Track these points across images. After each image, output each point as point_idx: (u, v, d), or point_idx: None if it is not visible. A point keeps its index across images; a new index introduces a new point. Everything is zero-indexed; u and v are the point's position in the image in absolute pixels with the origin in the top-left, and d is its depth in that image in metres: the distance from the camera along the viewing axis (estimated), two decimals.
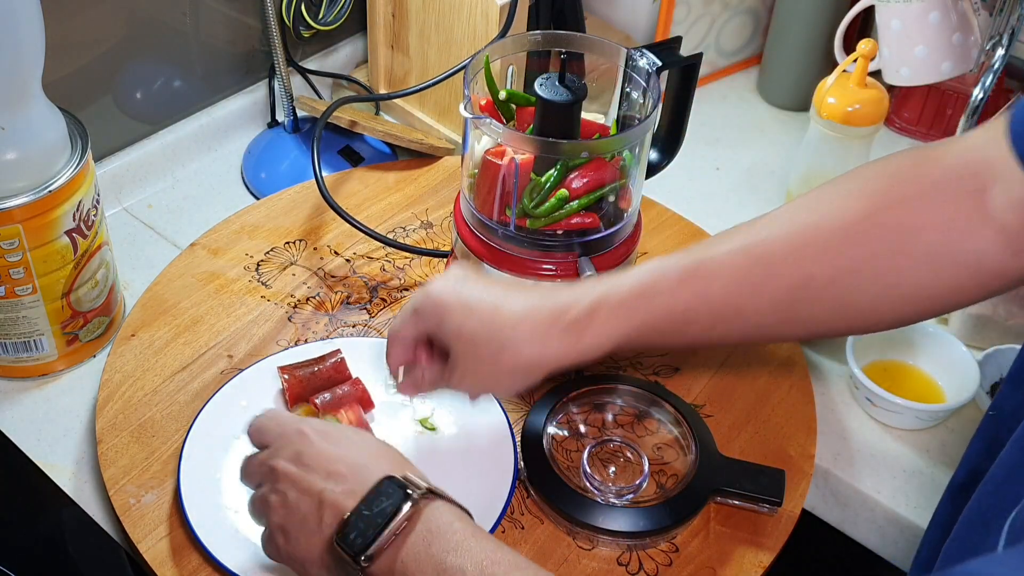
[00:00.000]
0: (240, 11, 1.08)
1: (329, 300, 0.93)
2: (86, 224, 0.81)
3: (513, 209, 0.81)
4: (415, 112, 1.15)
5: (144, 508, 0.75)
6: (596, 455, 0.78)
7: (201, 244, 0.97)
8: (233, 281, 0.94)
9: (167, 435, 0.80)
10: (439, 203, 1.04)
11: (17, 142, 0.76)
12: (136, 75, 1.03)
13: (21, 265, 0.79)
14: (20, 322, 0.82)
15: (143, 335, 0.88)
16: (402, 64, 1.13)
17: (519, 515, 0.76)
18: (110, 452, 0.78)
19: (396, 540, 0.58)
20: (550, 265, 0.82)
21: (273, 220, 1.01)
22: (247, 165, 1.10)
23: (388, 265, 0.97)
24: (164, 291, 0.92)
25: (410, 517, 0.58)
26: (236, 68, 1.12)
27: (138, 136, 1.05)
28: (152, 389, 0.83)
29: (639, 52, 0.82)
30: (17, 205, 0.76)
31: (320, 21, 1.11)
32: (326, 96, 1.20)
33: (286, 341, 0.88)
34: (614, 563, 0.74)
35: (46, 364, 0.86)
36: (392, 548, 0.57)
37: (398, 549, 0.57)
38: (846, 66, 0.97)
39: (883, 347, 0.91)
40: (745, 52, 1.28)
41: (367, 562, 0.57)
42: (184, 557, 0.72)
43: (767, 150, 1.18)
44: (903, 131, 1.20)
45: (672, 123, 0.89)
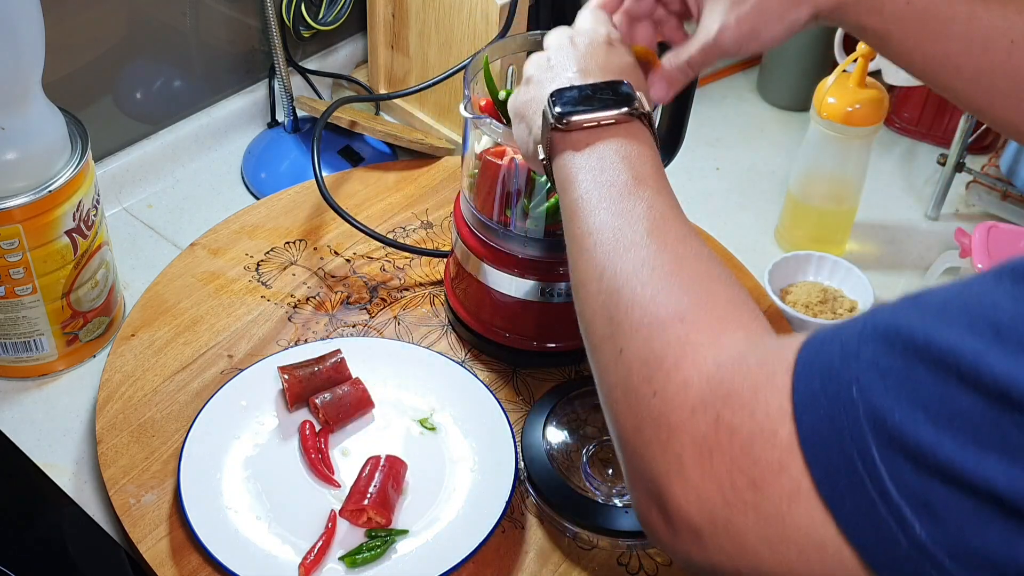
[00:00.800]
0: (240, 11, 1.08)
1: (329, 300, 0.93)
2: (86, 224, 0.81)
3: (513, 209, 0.81)
4: (415, 112, 1.15)
5: (144, 508, 0.75)
6: (596, 455, 0.78)
7: (201, 244, 0.97)
8: (233, 281, 0.94)
9: (167, 435, 0.80)
10: (439, 203, 1.04)
11: (17, 142, 0.76)
12: (136, 75, 1.03)
13: (21, 265, 0.79)
14: (20, 322, 0.82)
15: (143, 335, 0.88)
16: (402, 64, 1.13)
17: (519, 515, 0.76)
18: (110, 452, 0.78)
19: (597, 129, 0.58)
20: (551, 265, 0.82)
21: (273, 220, 1.01)
22: (247, 165, 1.10)
23: (388, 265, 0.97)
24: (164, 291, 0.92)
25: (619, 120, 0.59)
26: (236, 68, 1.11)
27: (138, 136, 1.05)
28: (152, 389, 0.83)
29: None
30: (17, 205, 0.76)
31: (320, 21, 1.11)
32: (326, 96, 1.20)
33: (286, 341, 0.88)
34: (614, 563, 0.74)
35: (46, 364, 0.86)
36: (589, 132, 0.58)
37: (593, 137, 0.58)
38: (846, 66, 0.97)
39: None
40: None
41: (562, 126, 0.59)
42: (184, 557, 0.72)
43: (767, 150, 1.18)
44: (903, 131, 1.20)
45: (672, 124, 0.88)
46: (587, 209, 0.56)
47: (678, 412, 0.45)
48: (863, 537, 0.39)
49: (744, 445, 0.42)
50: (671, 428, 0.45)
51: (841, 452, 0.39)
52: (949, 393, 0.37)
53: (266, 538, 0.72)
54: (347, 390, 0.81)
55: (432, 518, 0.75)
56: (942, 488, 0.37)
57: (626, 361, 0.49)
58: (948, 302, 0.40)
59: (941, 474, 0.37)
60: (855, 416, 0.39)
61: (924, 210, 1.10)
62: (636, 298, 0.50)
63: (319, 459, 0.77)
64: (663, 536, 0.46)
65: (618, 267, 0.52)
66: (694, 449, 0.44)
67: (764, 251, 1.04)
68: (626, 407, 0.48)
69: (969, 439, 0.37)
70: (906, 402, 0.38)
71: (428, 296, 0.94)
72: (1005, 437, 0.36)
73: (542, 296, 0.83)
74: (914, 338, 0.39)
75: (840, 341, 0.42)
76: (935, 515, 0.37)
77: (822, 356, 0.42)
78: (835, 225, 1.04)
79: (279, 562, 0.71)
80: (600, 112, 0.58)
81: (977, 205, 1.11)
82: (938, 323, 0.39)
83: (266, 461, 0.78)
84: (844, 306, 0.97)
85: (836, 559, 0.41)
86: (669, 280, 0.50)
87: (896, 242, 1.07)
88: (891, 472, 0.38)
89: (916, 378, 0.38)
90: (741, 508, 0.42)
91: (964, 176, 1.08)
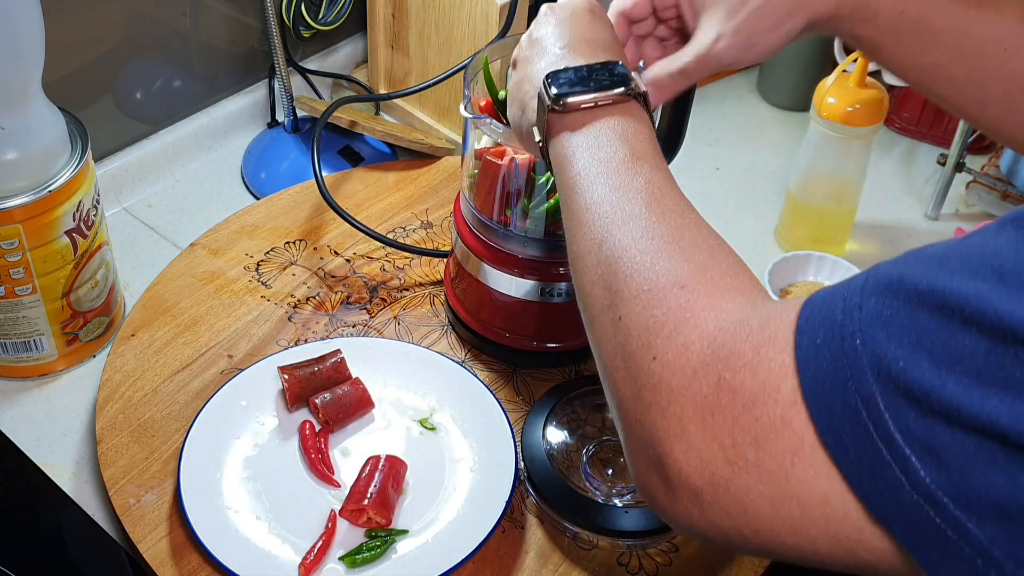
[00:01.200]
0: (240, 11, 1.08)
1: (329, 300, 0.93)
2: (86, 224, 0.81)
3: (513, 209, 0.81)
4: (415, 112, 1.15)
5: (144, 508, 0.75)
6: (596, 455, 0.78)
7: (201, 244, 0.97)
8: (233, 281, 0.94)
9: (167, 435, 0.80)
10: (439, 203, 1.04)
11: (17, 142, 0.75)
12: (136, 75, 1.03)
13: (21, 265, 0.79)
14: (20, 322, 0.82)
15: (143, 335, 0.88)
16: (402, 64, 1.13)
17: (519, 515, 0.76)
18: (110, 452, 0.78)
19: (594, 109, 0.59)
20: (551, 265, 0.82)
21: (273, 220, 1.01)
22: (247, 165, 1.10)
23: (388, 265, 0.97)
24: (164, 291, 0.92)
25: (616, 101, 0.59)
26: (236, 68, 1.11)
27: (138, 136, 1.05)
28: (152, 389, 0.83)
29: None
30: (17, 205, 0.76)
31: (320, 21, 1.11)
32: (326, 96, 1.20)
33: (286, 341, 0.88)
34: (614, 563, 0.74)
35: (46, 364, 0.86)
36: (585, 113, 0.59)
37: (589, 117, 0.59)
38: (846, 66, 0.97)
39: None
40: None
41: (559, 108, 0.59)
42: (184, 557, 0.72)
43: (767, 150, 1.18)
44: (903, 131, 1.20)
45: (672, 124, 0.88)
46: (585, 185, 0.56)
47: (679, 375, 0.45)
48: (868, 486, 0.40)
49: (746, 404, 0.43)
50: (672, 392, 0.45)
51: (845, 402, 0.40)
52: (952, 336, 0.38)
53: (266, 538, 0.72)
54: (347, 390, 0.81)
55: (432, 518, 0.75)
56: (946, 430, 0.37)
57: (625, 328, 0.49)
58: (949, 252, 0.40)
59: (946, 416, 0.37)
60: (859, 366, 0.39)
61: (924, 210, 1.10)
62: (635, 266, 0.51)
63: (319, 459, 0.77)
64: (663, 502, 0.46)
65: (616, 238, 0.53)
66: (695, 411, 0.44)
67: (764, 251, 1.04)
68: (625, 373, 0.48)
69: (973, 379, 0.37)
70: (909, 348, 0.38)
71: (428, 296, 0.94)
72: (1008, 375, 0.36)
73: (542, 296, 0.83)
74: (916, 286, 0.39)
75: (842, 296, 0.42)
76: (939, 459, 0.37)
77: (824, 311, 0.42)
78: (835, 225, 1.04)
79: (279, 562, 0.71)
80: (597, 93, 0.59)
81: (977, 205, 1.11)
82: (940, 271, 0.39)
83: (266, 461, 0.78)
84: None
85: (840, 512, 0.41)
86: (668, 249, 0.51)
87: (896, 242, 1.07)
88: (895, 418, 0.38)
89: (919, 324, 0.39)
90: (743, 467, 0.42)
91: (964, 176, 1.08)
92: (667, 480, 0.45)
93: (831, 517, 0.41)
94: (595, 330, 0.53)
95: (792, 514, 0.42)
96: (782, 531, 0.42)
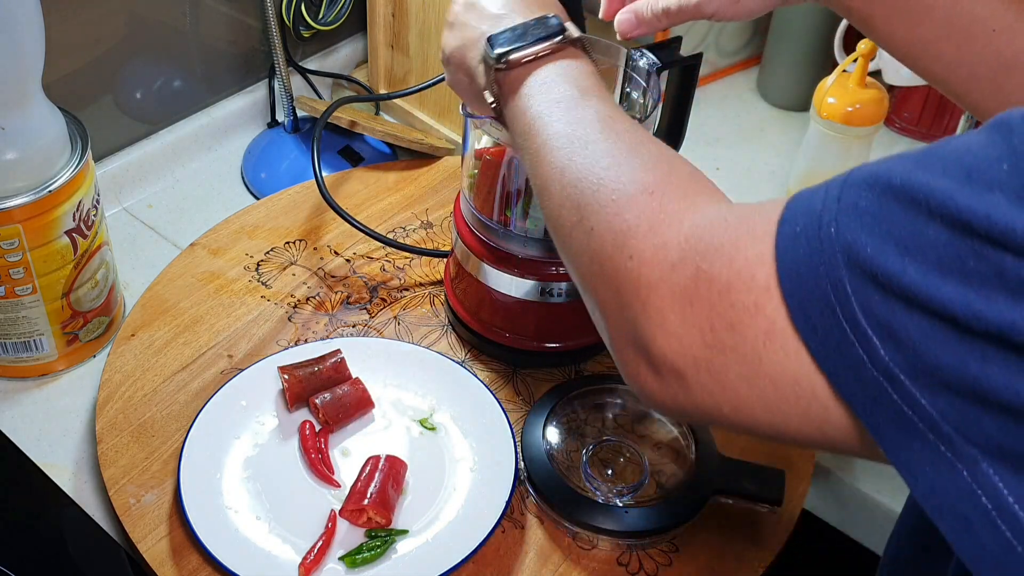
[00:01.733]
0: (240, 11, 1.08)
1: (329, 300, 0.93)
2: (86, 224, 0.81)
3: (513, 209, 0.81)
4: (415, 112, 1.15)
5: (144, 508, 0.75)
6: (596, 455, 0.78)
7: (201, 244, 0.97)
8: (233, 281, 0.94)
9: (167, 435, 0.80)
10: (439, 203, 1.04)
11: (17, 142, 0.76)
12: (136, 75, 1.03)
13: (21, 265, 0.79)
14: (20, 322, 0.82)
15: (143, 335, 0.88)
16: (402, 64, 1.13)
17: (519, 515, 0.76)
18: (110, 452, 0.78)
19: (536, 60, 0.62)
20: (551, 265, 0.82)
21: (273, 220, 1.01)
22: (247, 165, 1.10)
23: (388, 265, 0.97)
24: (164, 291, 0.92)
25: (555, 50, 0.62)
26: (236, 68, 1.11)
27: (138, 136, 1.05)
28: (152, 389, 0.83)
29: (639, 52, 0.82)
30: (17, 205, 0.76)
31: (320, 21, 1.11)
32: (326, 96, 1.20)
33: (286, 341, 0.88)
34: (614, 563, 0.74)
35: (46, 364, 0.86)
36: (529, 66, 0.62)
37: (534, 67, 0.62)
38: (846, 66, 0.97)
39: None
40: (745, 52, 1.28)
41: (503, 65, 0.62)
42: (184, 557, 0.72)
43: (767, 150, 1.18)
44: (903, 131, 1.20)
45: (672, 124, 0.88)
46: (540, 125, 0.59)
47: (657, 269, 0.48)
48: (833, 363, 0.42)
49: (722, 291, 0.45)
50: (650, 285, 0.48)
51: (816, 285, 0.42)
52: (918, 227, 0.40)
53: (266, 538, 0.72)
54: (347, 390, 0.81)
55: (432, 518, 0.75)
56: (905, 312, 0.40)
57: (598, 236, 0.51)
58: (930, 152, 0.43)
59: (905, 299, 0.40)
60: (832, 251, 0.42)
61: None
62: (601, 180, 0.53)
63: (319, 459, 0.77)
64: (651, 386, 0.49)
65: (578, 162, 0.55)
66: (673, 300, 0.47)
67: None
68: (602, 278, 0.51)
69: (932, 267, 0.40)
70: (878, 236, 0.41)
71: (428, 296, 0.94)
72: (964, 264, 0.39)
73: (542, 296, 0.83)
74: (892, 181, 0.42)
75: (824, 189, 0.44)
76: (897, 339, 0.40)
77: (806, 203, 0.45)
78: None
79: (279, 562, 0.71)
80: (536, 46, 0.62)
81: None
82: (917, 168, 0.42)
83: (266, 461, 0.78)
84: None
85: (809, 390, 0.43)
86: (630, 162, 0.53)
87: None
88: (860, 300, 0.41)
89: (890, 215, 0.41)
90: (720, 349, 0.45)
91: None
92: (653, 366, 0.48)
93: (801, 395, 0.44)
94: (569, 248, 0.55)
95: (766, 392, 0.45)
96: (757, 408, 0.45)
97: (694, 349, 0.46)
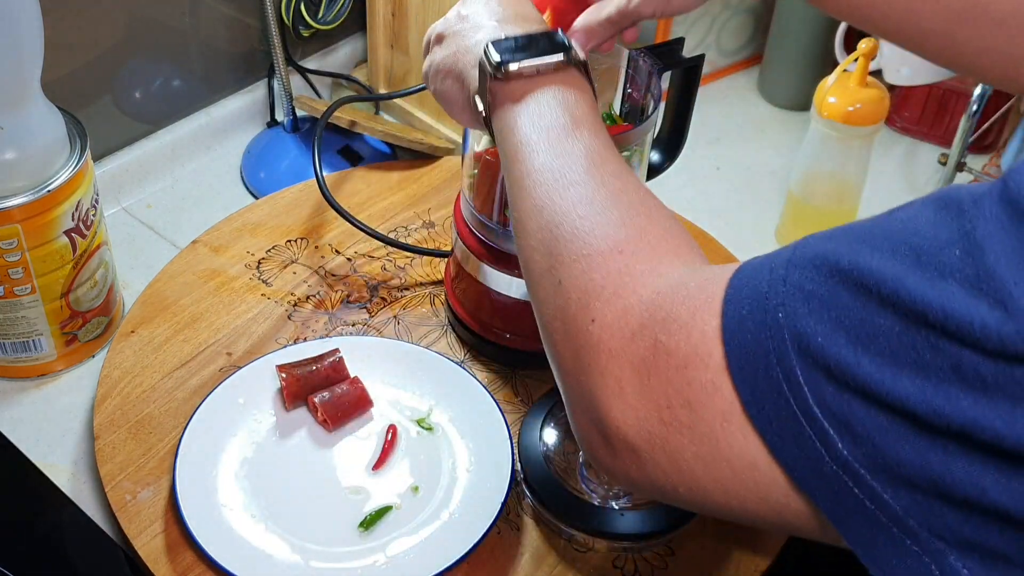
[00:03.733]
0: (240, 11, 1.08)
1: (329, 299, 0.93)
2: (85, 224, 0.82)
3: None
4: (415, 112, 1.15)
5: (140, 504, 0.75)
6: None
7: (202, 241, 0.97)
8: (234, 279, 0.94)
9: (164, 431, 0.80)
10: (441, 203, 1.04)
11: (16, 142, 0.76)
12: (136, 75, 1.03)
13: (20, 265, 0.79)
14: (19, 322, 0.82)
15: (143, 331, 0.88)
16: (402, 64, 1.13)
17: (515, 517, 0.76)
18: (107, 448, 0.78)
19: (536, 77, 0.59)
20: None
21: (275, 218, 1.01)
22: (246, 165, 1.10)
23: (389, 264, 0.97)
24: (165, 288, 0.92)
25: (557, 68, 0.59)
26: (236, 68, 1.12)
27: (137, 136, 1.05)
28: (151, 386, 0.83)
29: (640, 53, 0.82)
30: (16, 205, 0.76)
31: (320, 20, 1.11)
32: (326, 96, 1.20)
33: (285, 339, 0.88)
34: (610, 566, 0.74)
35: (45, 364, 0.86)
36: (527, 81, 0.59)
37: (531, 85, 0.59)
38: (846, 66, 0.97)
39: None
40: (745, 52, 1.28)
41: (501, 75, 0.59)
42: (179, 554, 0.72)
43: (767, 150, 1.18)
44: (903, 131, 1.20)
45: (674, 124, 0.88)
46: (526, 152, 0.57)
47: (617, 338, 0.46)
48: (791, 456, 0.41)
49: (679, 367, 0.43)
50: (610, 353, 0.46)
51: (768, 374, 0.41)
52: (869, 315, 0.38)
53: (260, 536, 0.72)
54: (346, 389, 0.81)
55: (427, 518, 0.75)
56: (861, 406, 0.38)
57: (565, 292, 0.50)
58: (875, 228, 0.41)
59: (861, 393, 0.38)
60: (781, 338, 0.40)
61: None
62: (575, 231, 0.51)
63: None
64: (603, 458, 0.47)
65: (557, 203, 0.53)
66: (632, 372, 0.45)
67: (764, 251, 1.02)
68: (564, 336, 0.49)
69: (887, 359, 0.38)
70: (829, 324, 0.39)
71: (428, 296, 0.94)
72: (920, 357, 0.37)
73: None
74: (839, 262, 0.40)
75: (769, 267, 0.43)
76: (855, 433, 0.39)
77: (752, 281, 0.43)
78: (836, 225, 1.04)
79: (273, 560, 0.71)
80: (538, 59, 0.59)
81: None
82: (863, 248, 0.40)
83: (262, 460, 0.78)
84: None
85: (768, 478, 0.42)
86: (607, 213, 0.52)
87: None
88: (814, 392, 0.39)
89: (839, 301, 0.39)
90: (676, 427, 0.43)
91: (965, 176, 1.08)
92: (607, 437, 0.46)
93: (759, 481, 0.42)
94: (536, 293, 0.54)
95: (724, 475, 0.43)
96: (715, 491, 0.44)
97: (650, 424, 0.44)
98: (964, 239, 0.38)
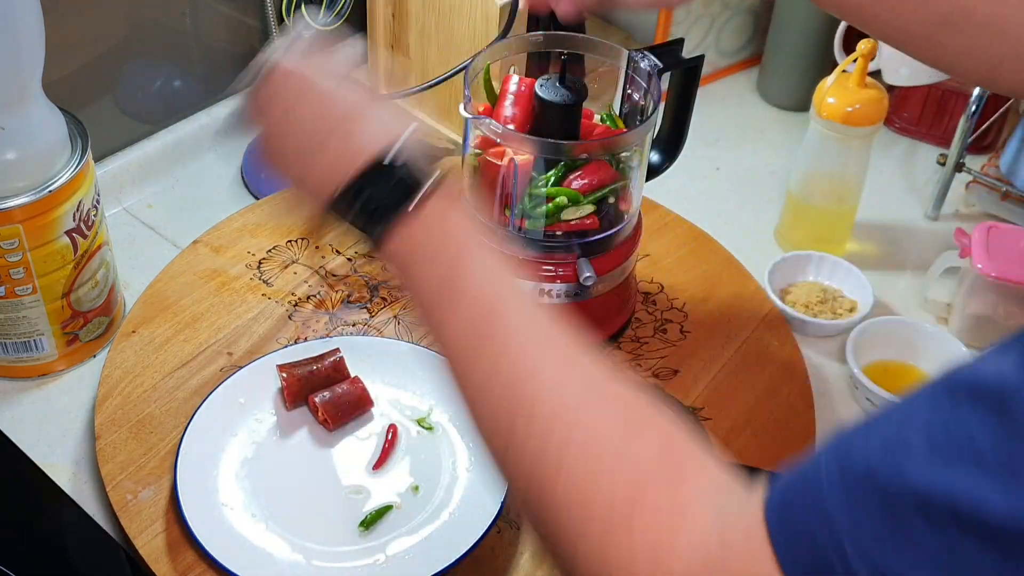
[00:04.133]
0: (240, 11, 1.08)
1: (330, 299, 0.93)
2: (86, 224, 0.82)
3: (513, 209, 0.81)
4: (415, 112, 1.15)
5: (141, 504, 0.75)
6: None
7: (203, 241, 0.98)
8: (235, 279, 0.94)
9: (165, 431, 0.80)
10: None
11: (17, 142, 0.76)
12: (136, 75, 1.03)
13: (21, 265, 0.79)
14: (20, 322, 0.82)
15: (144, 331, 0.88)
16: (402, 65, 1.14)
17: (515, 516, 0.76)
18: (108, 448, 0.78)
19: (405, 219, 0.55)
20: (549, 266, 0.82)
21: (276, 218, 1.01)
22: (247, 165, 1.10)
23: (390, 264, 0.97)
24: (166, 288, 0.92)
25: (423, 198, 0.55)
26: (236, 68, 1.11)
27: (138, 136, 1.05)
28: (151, 385, 0.84)
29: (641, 54, 0.82)
30: (17, 205, 0.76)
31: (320, 22, 1.11)
32: None
33: (286, 339, 0.88)
34: None
35: (46, 364, 0.86)
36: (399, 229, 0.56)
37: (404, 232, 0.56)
38: (846, 66, 0.97)
39: (883, 347, 0.91)
40: (745, 52, 1.28)
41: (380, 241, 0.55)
42: (179, 553, 0.72)
43: (767, 150, 1.18)
44: (903, 131, 1.20)
45: (674, 124, 0.88)
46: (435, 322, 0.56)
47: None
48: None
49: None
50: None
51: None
52: (952, 544, 0.35)
53: (261, 535, 0.73)
54: (346, 389, 0.81)
55: (428, 517, 0.75)
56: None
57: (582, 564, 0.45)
58: (909, 436, 0.37)
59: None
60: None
61: (924, 210, 1.10)
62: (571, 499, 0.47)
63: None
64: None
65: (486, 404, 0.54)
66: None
67: (764, 251, 1.04)
68: None
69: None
70: (911, 559, 0.35)
71: None
72: None
73: (540, 297, 0.83)
74: (891, 484, 0.36)
75: (812, 501, 0.38)
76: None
77: (797, 522, 0.39)
78: (835, 225, 1.04)
79: (274, 559, 0.71)
80: (397, 211, 0.56)
81: (977, 205, 1.11)
82: (911, 461, 0.36)
83: (263, 459, 0.78)
84: (844, 306, 0.97)
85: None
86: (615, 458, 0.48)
87: (896, 242, 1.07)
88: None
89: (913, 532, 0.35)
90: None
91: (964, 176, 1.08)
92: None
93: None
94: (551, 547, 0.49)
95: None
96: None
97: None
98: None
